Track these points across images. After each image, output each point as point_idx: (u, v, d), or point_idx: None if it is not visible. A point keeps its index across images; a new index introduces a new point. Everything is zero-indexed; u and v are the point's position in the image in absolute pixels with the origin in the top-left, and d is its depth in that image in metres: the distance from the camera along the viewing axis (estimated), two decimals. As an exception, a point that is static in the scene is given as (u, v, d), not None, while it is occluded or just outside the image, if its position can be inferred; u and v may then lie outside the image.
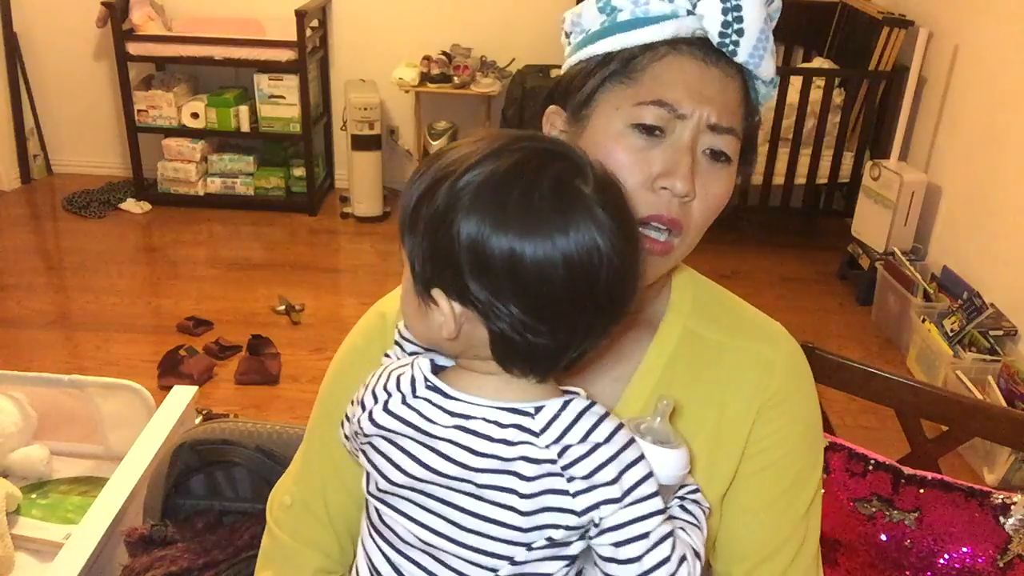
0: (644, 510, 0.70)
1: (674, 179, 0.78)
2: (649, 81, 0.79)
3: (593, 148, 0.80)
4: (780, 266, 3.79)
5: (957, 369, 2.69)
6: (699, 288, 0.94)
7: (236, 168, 4.16)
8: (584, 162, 0.71)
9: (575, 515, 0.69)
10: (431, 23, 4.13)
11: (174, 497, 1.41)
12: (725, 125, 0.80)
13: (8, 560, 1.54)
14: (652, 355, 0.88)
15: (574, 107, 0.84)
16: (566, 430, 0.70)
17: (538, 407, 0.71)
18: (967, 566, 1.20)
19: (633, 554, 0.70)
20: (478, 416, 0.71)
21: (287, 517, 0.94)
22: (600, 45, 0.82)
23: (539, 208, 0.67)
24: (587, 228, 0.67)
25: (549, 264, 0.66)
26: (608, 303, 0.70)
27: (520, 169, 0.68)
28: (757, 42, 0.79)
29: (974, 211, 3.15)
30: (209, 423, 1.44)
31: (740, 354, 0.89)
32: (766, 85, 0.84)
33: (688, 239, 0.82)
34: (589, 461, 0.69)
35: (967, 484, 1.21)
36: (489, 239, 0.66)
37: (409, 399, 0.74)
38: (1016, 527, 1.18)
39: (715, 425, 0.87)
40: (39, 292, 3.39)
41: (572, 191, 0.68)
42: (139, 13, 3.95)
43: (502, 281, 0.67)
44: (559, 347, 0.70)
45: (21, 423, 1.78)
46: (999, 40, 3.06)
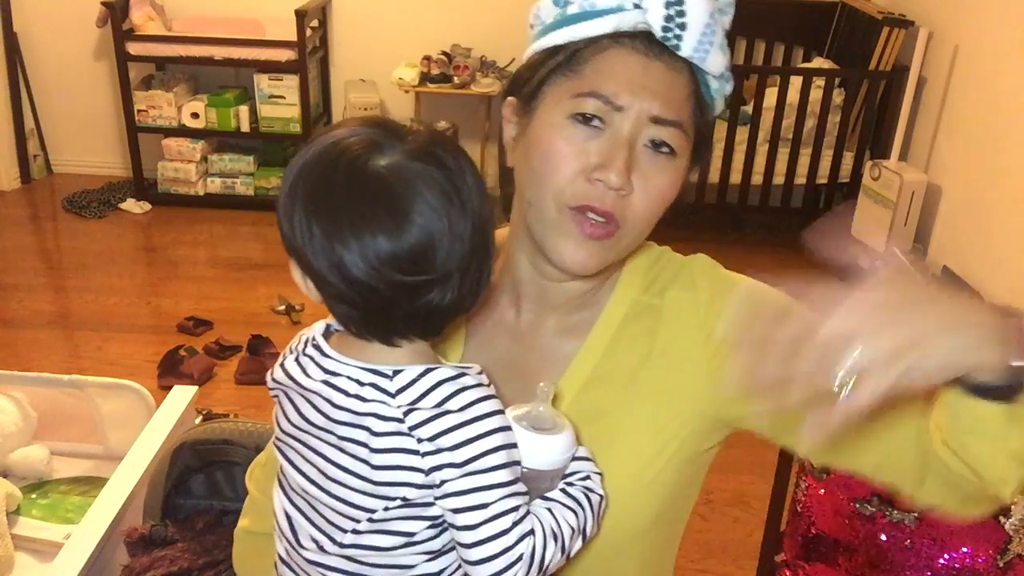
0: (484, 481, 0.72)
1: (608, 172, 0.78)
2: (590, 73, 0.80)
3: (535, 141, 0.82)
4: (780, 266, 3.78)
5: (957, 369, 2.68)
6: (656, 260, 0.93)
7: (236, 168, 4.16)
8: (389, 135, 0.72)
9: (423, 473, 0.72)
10: (431, 23, 4.13)
11: (174, 497, 1.41)
12: (668, 118, 0.80)
13: (8, 560, 1.54)
14: (600, 327, 0.89)
15: (524, 98, 0.85)
16: (421, 395, 0.73)
17: (396, 370, 0.74)
18: (967, 566, 1.20)
19: (469, 522, 0.72)
20: (343, 374, 0.75)
21: (263, 474, 0.99)
22: (551, 38, 0.83)
23: (330, 192, 0.70)
24: (372, 214, 0.69)
25: (327, 236, 0.70)
26: (401, 270, 0.71)
27: (321, 151, 0.72)
28: (702, 36, 0.79)
29: (974, 211, 3.15)
30: (209, 423, 1.44)
31: (671, 306, 0.89)
32: (718, 80, 0.84)
33: (632, 233, 0.82)
34: (435, 424, 0.71)
35: (967, 484, 1.21)
36: (292, 216, 0.72)
37: (298, 356, 0.80)
38: (1016, 527, 1.18)
39: (662, 379, 0.87)
40: (39, 292, 3.39)
41: (359, 172, 0.70)
42: (139, 13, 3.95)
43: (304, 247, 0.72)
44: (363, 307, 0.73)
45: (21, 423, 1.79)
46: (999, 40, 3.07)
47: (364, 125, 0.73)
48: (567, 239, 0.80)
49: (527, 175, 0.83)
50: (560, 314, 0.90)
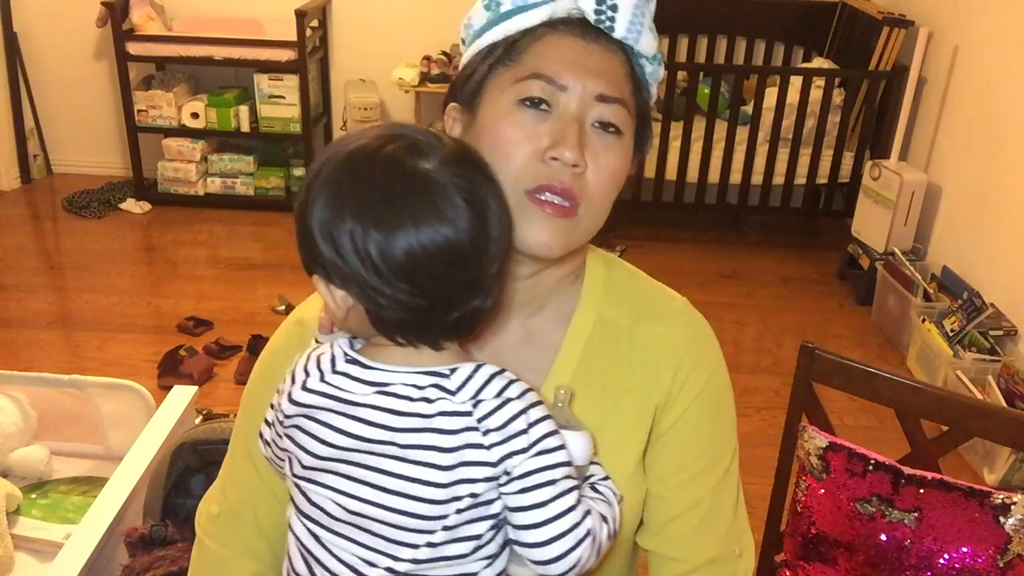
0: (551, 460, 0.74)
1: (562, 148, 0.79)
2: (530, 59, 0.82)
3: (483, 131, 0.82)
4: (780, 266, 3.79)
5: (957, 369, 2.69)
6: (611, 271, 0.94)
7: (236, 168, 4.16)
8: (425, 140, 0.74)
9: (491, 466, 0.73)
10: (431, 23, 4.13)
11: (174, 497, 1.41)
12: (612, 95, 0.81)
13: (8, 560, 1.54)
14: (567, 346, 0.90)
15: (466, 99, 0.86)
16: (480, 387, 0.74)
17: (452, 368, 0.75)
18: (967, 566, 1.20)
19: (540, 499, 0.74)
20: (397, 382, 0.75)
21: (215, 526, 0.95)
22: (485, 38, 0.85)
23: (371, 191, 0.71)
24: (422, 210, 0.70)
25: (385, 244, 0.70)
26: (461, 275, 0.73)
27: (356, 154, 0.73)
28: (633, 18, 0.82)
29: (974, 211, 3.15)
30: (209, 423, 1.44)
31: (646, 336, 0.90)
32: (651, 62, 0.86)
33: (591, 213, 0.83)
34: (501, 413, 0.73)
35: (967, 484, 1.21)
36: (332, 221, 0.71)
37: (328, 376, 0.78)
38: (1016, 527, 1.18)
39: (628, 409, 0.89)
40: (39, 292, 3.39)
41: (407, 171, 0.71)
42: (139, 13, 3.95)
43: (349, 259, 0.71)
44: (422, 316, 0.73)
45: (21, 423, 1.78)
46: (999, 40, 3.06)
47: (390, 131, 0.74)
48: (529, 222, 0.80)
49: None
50: (521, 317, 0.90)
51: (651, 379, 0.89)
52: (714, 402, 0.93)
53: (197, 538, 0.96)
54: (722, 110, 3.87)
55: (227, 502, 0.95)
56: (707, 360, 0.92)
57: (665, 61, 0.90)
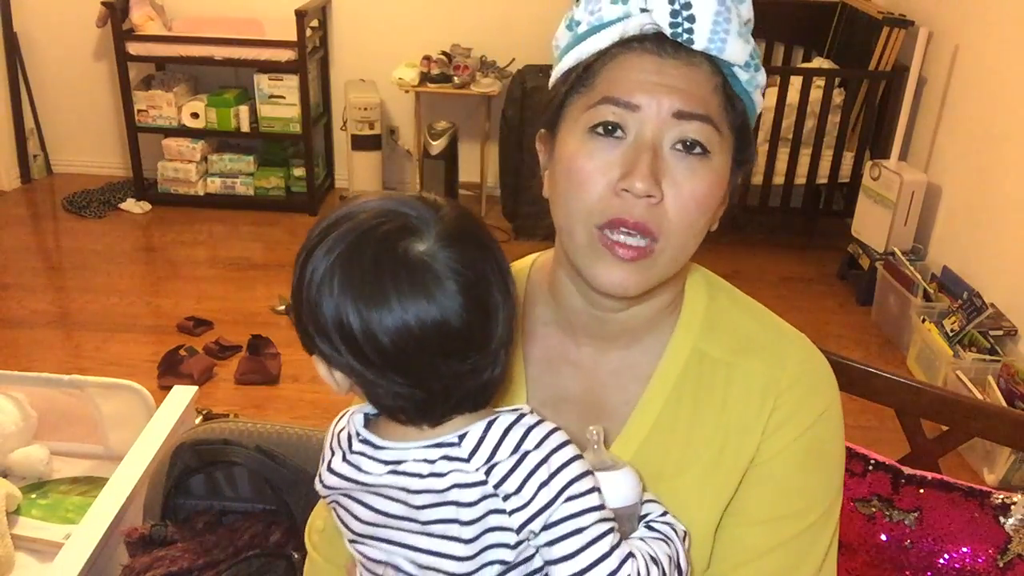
0: (578, 507, 0.70)
1: (633, 179, 0.73)
2: (601, 83, 0.77)
3: (559, 163, 0.78)
4: (780, 266, 3.79)
5: (957, 369, 2.69)
6: (713, 300, 0.88)
7: (236, 168, 4.16)
8: (420, 217, 0.69)
9: (513, 532, 0.70)
10: (431, 23, 4.13)
11: (174, 497, 1.41)
12: (692, 111, 0.74)
13: (8, 560, 1.54)
14: (658, 378, 0.85)
15: (547, 125, 0.82)
16: (495, 448, 0.71)
17: (462, 435, 0.72)
18: (967, 566, 1.20)
19: (569, 550, 0.70)
20: (408, 459, 0.72)
21: (322, 540, 0.95)
22: (565, 61, 0.81)
23: (360, 275, 0.68)
24: (414, 297, 0.67)
25: (374, 332, 0.67)
26: (459, 362, 0.70)
27: (350, 234, 0.69)
28: (715, 25, 0.74)
29: (974, 211, 3.15)
30: (209, 423, 1.44)
31: (745, 374, 0.84)
32: (745, 70, 0.78)
33: (672, 245, 0.76)
34: (518, 473, 0.69)
35: (967, 484, 1.21)
36: (321, 305, 0.69)
37: (348, 456, 0.76)
38: (1016, 527, 1.18)
39: (718, 451, 0.83)
40: (39, 292, 3.39)
41: (396, 255, 0.68)
42: (139, 13, 3.95)
43: (340, 346, 0.69)
44: (422, 402, 0.71)
45: (21, 423, 1.78)
46: (999, 40, 3.06)
47: (389, 206, 0.71)
48: (601, 263, 0.76)
49: (556, 200, 0.79)
50: (619, 348, 0.86)
51: (746, 421, 0.83)
52: (815, 450, 0.84)
53: (308, 551, 0.97)
54: (722, 110, 3.87)
55: (331, 517, 0.92)
56: (815, 402, 0.84)
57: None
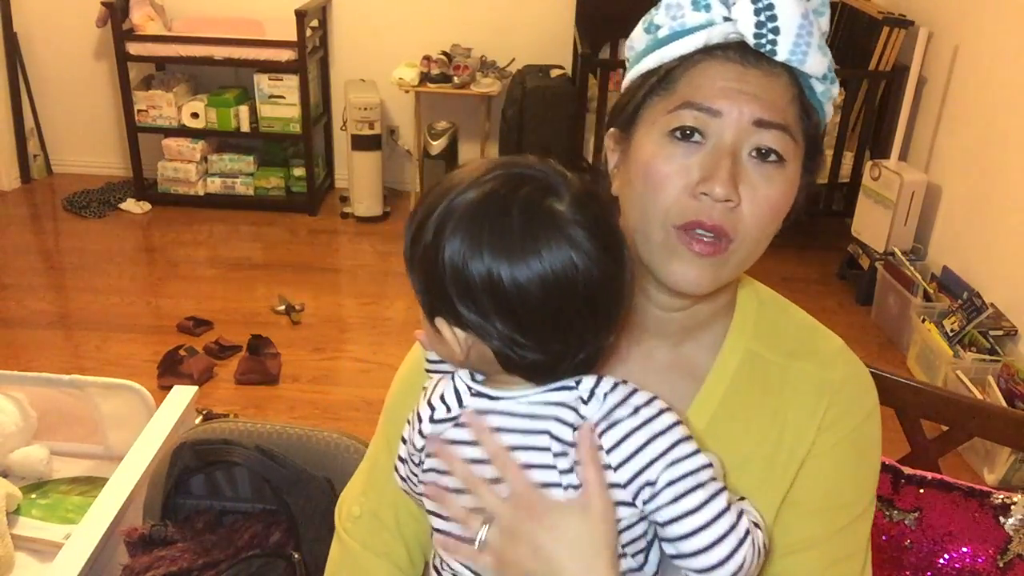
0: (694, 464, 0.73)
1: (713, 184, 0.75)
2: (683, 88, 0.78)
3: (635, 164, 0.80)
4: (780, 266, 3.79)
5: (957, 369, 2.69)
6: (763, 305, 0.92)
7: (236, 168, 4.16)
8: (558, 181, 0.73)
9: (620, 488, 0.73)
10: (431, 23, 4.13)
11: (174, 497, 1.41)
12: (772, 120, 0.77)
13: (8, 560, 1.54)
14: (714, 377, 0.87)
15: (622, 126, 0.84)
16: (607, 394, 0.74)
17: (577, 380, 0.75)
18: (967, 566, 1.20)
19: (694, 504, 0.72)
20: (525, 402, 0.75)
21: (356, 527, 0.95)
22: (644, 64, 0.82)
23: (511, 232, 0.70)
24: (560, 247, 0.70)
25: (526, 285, 0.70)
26: (594, 315, 0.73)
27: (492, 196, 0.71)
28: (798, 38, 0.77)
29: (974, 211, 3.15)
30: (209, 423, 1.44)
31: (799, 376, 0.87)
32: (822, 82, 0.81)
33: (745, 247, 0.80)
34: (628, 423, 0.73)
35: (967, 484, 1.21)
36: (469, 265, 0.70)
37: (455, 411, 0.78)
38: (1016, 527, 1.18)
39: (774, 447, 0.86)
40: (39, 292, 3.39)
41: (543, 211, 0.71)
42: (139, 13, 3.95)
43: (486, 304, 0.71)
44: (555, 358, 0.73)
45: (21, 423, 1.78)
46: (999, 40, 3.06)
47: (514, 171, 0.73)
48: (677, 259, 0.78)
49: (630, 200, 0.81)
50: (670, 345, 0.88)
51: (803, 418, 0.86)
52: (860, 448, 0.88)
53: (337, 534, 0.97)
54: (722, 110, 3.87)
55: (368, 504, 0.95)
56: (862, 403, 0.89)
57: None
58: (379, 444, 0.97)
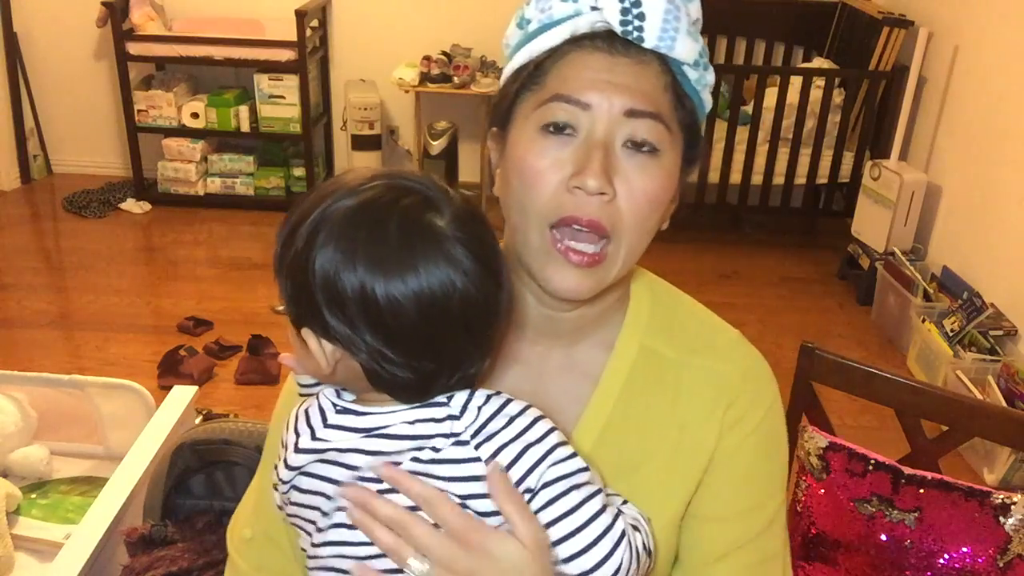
0: (570, 467, 0.72)
1: (585, 176, 0.73)
2: (552, 81, 0.77)
3: (511, 161, 0.78)
4: (780, 266, 3.79)
5: (957, 369, 2.69)
6: (656, 298, 0.90)
7: (236, 168, 4.16)
8: (439, 196, 0.71)
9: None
10: (431, 23, 4.13)
11: (174, 497, 1.41)
12: (643, 109, 0.75)
13: (8, 560, 1.54)
14: (608, 377, 0.86)
15: (499, 124, 0.82)
16: (480, 407, 0.72)
17: (449, 396, 0.73)
18: (967, 566, 1.20)
19: (569, 506, 0.71)
20: (394, 422, 0.72)
21: (249, 549, 0.92)
22: (516, 59, 0.81)
23: (388, 243, 0.68)
24: (438, 264, 0.68)
25: (401, 300, 0.67)
26: (470, 336, 0.71)
27: (371, 205, 0.69)
28: (664, 23, 0.75)
29: (974, 211, 3.15)
30: (209, 423, 1.44)
31: (696, 372, 0.86)
32: (695, 69, 0.79)
33: (625, 243, 0.77)
34: (504, 434, 0.71)
35: (967, 484, 1.21)
36: (340, 276, 0.68)
37: (320, 431, 0.74)
38: (1016, 527, 1.18)
39: (674, 445, 0.84)
40: (39, 292, 3.39)
41: (422, 225, 0.69)
42: (139, 13, 3.95)
43: (356, 315, 0.68)
44: (427, 377, 0.71)
45: (21, 423, 1.78)
46: (999, 40, 3.07)
47: (396, 182, 0.71)
48: (553, 266, 0.76)
49: (509, 199, 0.79)
50: (564, 345, 0.86)
51: (702, 416, 0.84)
52: (769, 438, 0.87)
53: (230, 558, 0.94)
54: (722, 110, 3.87)
55: (260, 524, 0.91)
56: (763, 395, 0.87)
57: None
58: (267, 461, 0.92)
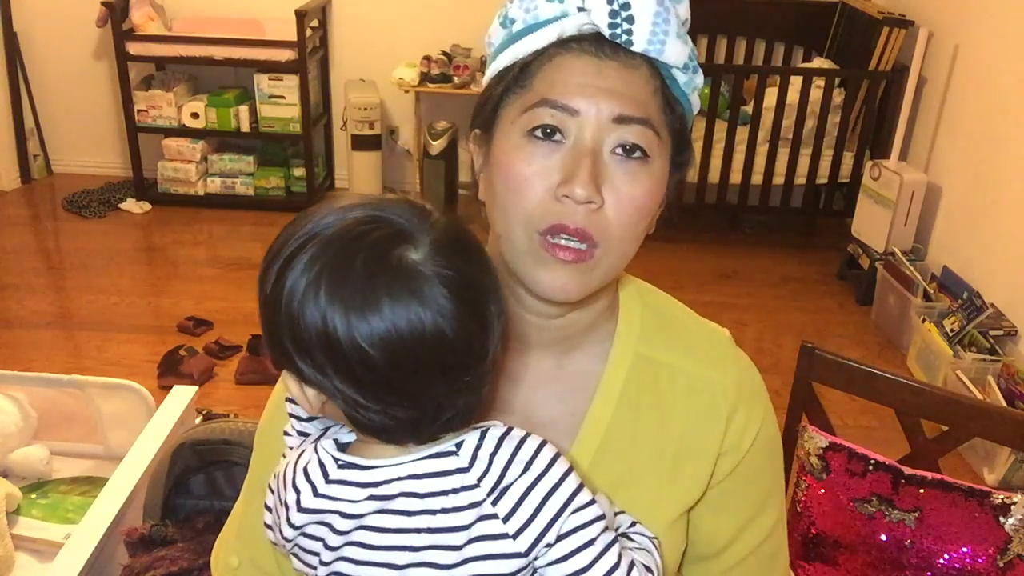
0: (584, 518, 0.69)
1: (573, 185, 0.71)
2: (539, 84, 0.74)
3: (496, 167, 0.76)
4: (780, 266, 3.79)
5: (957, 369, 2.69)
6: (646, 304, 0.89)
7: (236, 168, 4.16)
8: (417, 225, 0.66)
9: (521, 557, 0.68)
10: (431, 23, 4.13)
11: (174, 497, 1.41)
12: (632, 115, 0.73)
13: (8, 560, 1.54)
14: (605, 386, 0.84)
15: (483, 126, 0.80)
16: (491, 455, 0.68)
17: (458, 443, 0.69)
18: (967, 566, 1.20)
19: (583, 564, 0.69)
20: (401, 475, 0.69)
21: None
22: (500, 60, 0.78)
23: (351, 283, 0.63)
24: (403, 303, 0.63)
25: (364, 344, 0.63)
26: (447, 378, 0.66)
27: (335, 243, 0.64)
28: (654, 26, 0.73)
29: (974, 211, 3.15)
30: (209, 423, 1.44)
31: (691, 379, 0.85)
32: (684, 72, 0.76)
33: (612, 250, 0.75)
34: (518, 486, 0.68)
35: (967, 484, 1.21)
36: (305, 319, 0.63)
37: (323, 487, 0.71)
38: (1016, 527, 1.18)
39: (674, 453, 0.84)
40: (39, 292, 3.39)
41: (388, 262, 0.64)
42: (139, 13, 3.95)
43: (324, 362, 0.64)
44: (409, 423, 0.67)
45: (21, 423, 1.78)
46: (999, 40, 3.06)
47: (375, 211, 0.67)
48: (542, 267, 0.74)
49: (495, 204, 0.77)
50: (556, 355, 0.85)
51: (701, 424, 0.84)
52: (768, 445, 0.88)
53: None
54: (722, 110, 3.87)
55: (245, 552, 0.89)
56: (759, 401, 0.88)
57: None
58: (252, 486, 0.90)
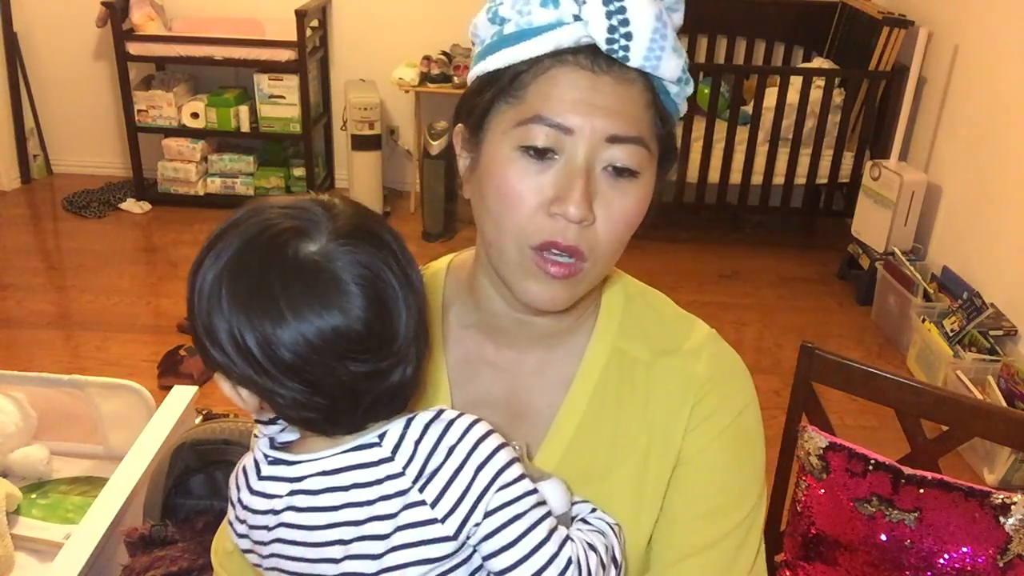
0: (512, 494, 0.70)
1: (567, 205, 0.72)
2: (533, 98, 0.73)
3: (487, 175, 0.76)
4: (780, 266, 3.79)
5: (957, 369, 2.69)
6: (630, 300, 0.89)
7: (236, 168, 4.16)
8: (313, 219, 0.68)
9: (451, 540, 0.69)
10: (431, 23, 4.13)
11: (174, 497, 1.41)
12: (626, 135, 0.73)
13: (8, 560, 1.54)
14: (579, 381, 0.86)
15: (471, 127, 0.79)
16: (416, 443, 0.70)
17: (381, 433, 0.71)
18: (967, 566, 1.20)
19: (511, 538, 0.70)
20: (324, 468, 0.71)
21: (231, 562, 0.92)
22: (491, 61, 0.77)
23: (247, 283, 0.66)
24: (304, 298, 0.65)
25: (271, 341, 0.65)
26: (355, 367, 0.67)
27: (238, 243, 0.68)
28: (651, 42, 0.72)
29: (974, 211, 3.15)
30: (209, 423, 1.44)
31: (666, 372, 0.85)
32: (676, 85, 0.76)
33: (600, 263, 0.77)
34: (444, 471, 0.69)
35: (967, 484, 1.21)
36: (214, 323, 0.66)
37: (256, 483, 0.74)
38: (1016, 527, 1.18)
39: (645, 447, 0.84)
40: (39, 292, 3.39)
41: (283, 258, 0.66)
42: (139, 13, 3.95)
43: (236, 359, 0.67)
44: (329, 413, 0.69)
45: (21, 423, 1.78)
46: (999, 40, 3.07)
47: (282, 210, 0.70)
48: (533, 280, 0.76)
49: (484, 213, 0.77)
50: (541, 350, 0.87)
51: (670, 416, 0.84)
52: (741, 440, 0.86)
53: (215, 571, 0.94)
54: (722, 110, 3.87)
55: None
56: (736, 396, 0.87)
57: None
58: None
